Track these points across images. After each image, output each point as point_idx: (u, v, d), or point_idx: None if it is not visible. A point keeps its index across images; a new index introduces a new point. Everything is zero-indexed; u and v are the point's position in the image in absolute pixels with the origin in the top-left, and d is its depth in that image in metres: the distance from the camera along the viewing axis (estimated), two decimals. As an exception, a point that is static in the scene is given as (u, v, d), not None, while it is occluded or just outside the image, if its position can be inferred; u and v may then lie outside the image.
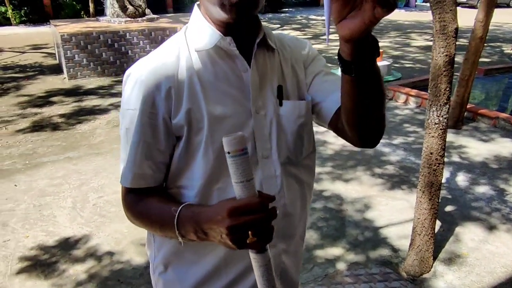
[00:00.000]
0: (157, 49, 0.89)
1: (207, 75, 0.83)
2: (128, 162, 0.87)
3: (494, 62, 8.52)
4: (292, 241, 0.98)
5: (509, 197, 3.31)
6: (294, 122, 0.89)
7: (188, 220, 0.77)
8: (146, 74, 0.83)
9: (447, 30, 1.97)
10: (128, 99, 0.84)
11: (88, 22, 8.64)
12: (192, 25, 0.87)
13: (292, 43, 0.96)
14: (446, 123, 2.19)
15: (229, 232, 0.68)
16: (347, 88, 0.74)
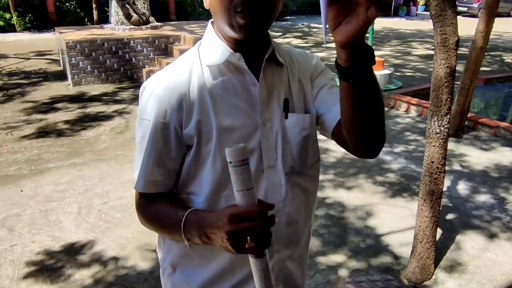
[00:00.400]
0: (172, 63, 0.94)
1: (217, 89, 0.89)
2: (141, 169, 0.92)
3: (495, 71, 8.58)
4: (297, 248, 1.02)
5: (510, 205, 3.35)
6: (299, 134, 0.94)
7: (193, 225, 0.82)
8: (160, 87, 0.88)
9: (448, 43, 2.02)
10: (143, 110, 0.90)
11: (93, 29, 8.73)
12: (205, 41, 0.93)
13: (300, 58, 1.01)
14: (447, 133, 2.23)
15: (229, 237, 0.72)
16: (345, 95, 0.77)
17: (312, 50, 10.90)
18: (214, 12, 0.87)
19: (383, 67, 6.51)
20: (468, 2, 20.43)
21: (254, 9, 0.81)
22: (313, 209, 1.07)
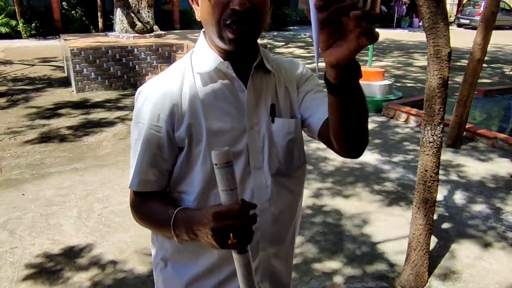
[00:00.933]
0: (166, 70, 1.00)
1: (208, 95, 0.95)
2: (136, 169, 0.98)
3: (495, 83, 8.64)
4: (282, 246, 1.07)
5: (505, 215, 3.38)
6: (284, 137, 1.00)
7: (182, 222, 0.88)
8: (154, 93, 0.95)
9: (441, 54, 2.07)
10: (138, 113, 0.97)
11: (98, 37, 8.85)
12: (197, 50, 0.99)
13: (287, 65, 1.07)
14: (440, 142, 2.28)
15: (213, 233, 0.78)
16: (334, 107, 0.82)
17: (313, 61, 10.99)
18: (205, 24, 0.93)
19: (383, 77, 6.57)
20: (470, 15, 20.57)
21: (243, 23, 0.86)
22: (299, 209, 1.12)
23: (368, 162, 4.40)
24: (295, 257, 2.79)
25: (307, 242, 2.96)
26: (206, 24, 0.92)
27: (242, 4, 0.84)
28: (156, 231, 1.04)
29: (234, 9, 0.85)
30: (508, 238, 3.06)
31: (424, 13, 2.03)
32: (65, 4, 15.70)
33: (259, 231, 1.01)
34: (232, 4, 0.84)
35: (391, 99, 6.36)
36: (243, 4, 0.84)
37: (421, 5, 2.02)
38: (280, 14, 19.09)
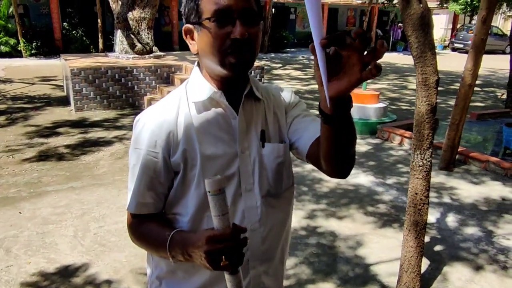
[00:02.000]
0: (162, 99, 1.07)
1: (202, 122, 1.02)
2: (133, 192, 1.04)
3: (488, 107, 8.79)
4: (272, 264, 1.13)
5: (497, 238, 3.42)
6: (274, 161, 1.07)
7: (177, 244, 0.93)
8: (152, 121, 1.01)
9: (429, 82, 2.16)
10: (136, 140, 1.03)
11: (98, 57, 8.99)
12: (192, 81, 1.07)
13: (276, 92, 1.15)
14: (429, 166, 2.35)
15: (207, 255, 0.83)
16: (326, 134, 0.88)
17: (311, 82, 11.16)
18: (205, 55, 0.99)
19: (378, 100, 6.69)
20: (464, 39, 20.99)
21: (243, 50, 0.95)
22: (288, 229, 1.18)
23: (362, 184, 4.46)
24: (289, 278, 2.83)
25: (301, 264, 2.99)
26: (205, 55, 0.99)
27: (243, 34, 0.93)
28: (152, 251, 1.09)
29: (235, 39, 0.93)
30: (500, 261, 3.10)
31: (413, 42, 2.13)
32: (66, 24, 15.97)
33: (249, 250, 1.06)
34: (233, 34, 0.93)
35: (385, 121, 6.46)
36: (243, 34, 0.93)
37: (410, 35, 2.12)
38: (278, 36, 19.44)
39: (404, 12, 2.10)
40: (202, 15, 0.96)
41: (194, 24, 0.99)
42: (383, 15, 24.35)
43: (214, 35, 0.94)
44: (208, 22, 0.95)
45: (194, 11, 0.97)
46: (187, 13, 1.00)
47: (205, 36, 0.96)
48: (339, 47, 0.70)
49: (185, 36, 1.03)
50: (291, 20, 22.30)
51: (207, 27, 0.95)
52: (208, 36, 0.96)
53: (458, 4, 20.78)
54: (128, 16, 8.18)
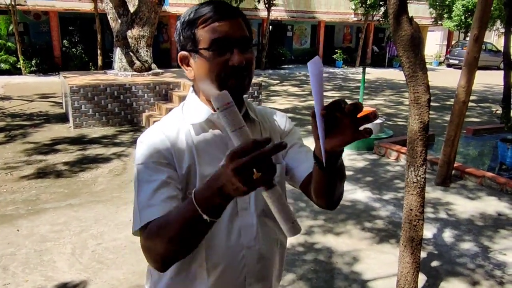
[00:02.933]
0: (160, 121, 1.10)
1: (200, 143, 1.05)
2: (140, 203, 0.97)
3: (483, 122, 8.87)
4: (267, 282, 1.15)
5: (493, 254, 3.44)
6: None
7: (204, 192, 0.81)
8: (153, 138, 1.04)
9: (421, 101, 2.22)
10: (139, 158, 1.03)
11: (97, 74, 9.08)
12: (189, 104, 1.11)
13: (271, 117, 1.20)
14: (423, 182, 2.38)
15: (235, 174, 0.72)
16: (318, 176, 0.98)
17: (308, 98, 11.26)
18: (202, 80, 1.04)
19: (374, 116, 6.74)
20: (459, 56, 21.23)
21: (241, 76, 1.01)
22: (284, 247, 1.21)
23: (359, 199, 4.48)
24: (285, 295, 2.83)
25: (298, 280, 3.00)
26: (202, 80, 1.03)
27: (241, 62, 0.99)
28: (186, 233, 0.87)
29: (233, 66, 0.99)
30: (496, 277, 3.11)
31: (404, 62, 2.19)
32: (66, 42, 16.13)
33: (246, 267, 1.09)
34: (232, 62, 0.99)
35: (382, 137, 6.52)
36: (241, 62, 0.99)
37: (401, 55, 2.18)
38: (275, 53, 19.66)
39: (395, 33, 2.17)
40: (199, 44, 1.00)
41: (190, 52, 1.03)
42: (379, 32, 24.69)
43: (213, 63, 0.99)
44: (206, 51, 0.99)
45: (190, 40, 1.02)
46: (183, 41, 1.04)
47: (203, 63, 1.01)
48: (336, 113, 0.81)
49: (181, 63, 1.07)
50: (288, 37, 22.57)
51: (205, 55, 1.00)
52: (206, 63, 1.00)
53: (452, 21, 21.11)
54: (127, 34, 8.30)
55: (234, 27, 1.00)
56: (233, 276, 1.08)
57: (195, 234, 0.87)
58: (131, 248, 3.36)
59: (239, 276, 1.09)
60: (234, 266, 1.08)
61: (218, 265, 1.06)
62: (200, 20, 1.00)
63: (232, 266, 1.08)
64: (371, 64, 22.70)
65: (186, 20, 1.02)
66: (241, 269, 1.09)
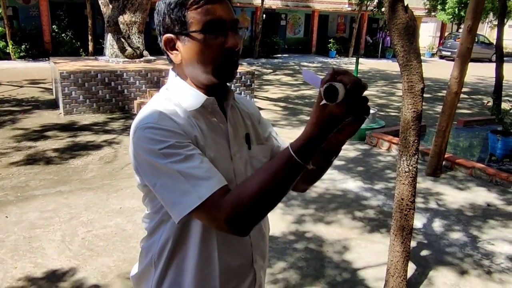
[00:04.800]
0: (151, 106, 1.00)
1: (203, 126, 1.02)
2: (190, 180, 0.90)
3: (474, 114, 8.93)
4: (266, 259, 1.20)
5: (481, 244, 3.48)
6: (261, 162, 1.12)
7: (307, 137, 0.86)
8: (164, 122, 0.95)
9: (414, 90, 2.21)
10: (156, 143, 0.92)
11: (87, 60, 8.96)
12: (176, 89, 1.04)
13: (245, 101, 1.21)
14: (415, 172, 2.39)
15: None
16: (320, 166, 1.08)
17: (301, 88, 11.24)
18: (192, 64, 1.00)
19: (367, 106, 6.75)
20: (452, 47, 21.30)
21: (236, 60, 1.01)
22: (269, 230, 1.26)
23: (350, 189, 4.50)
24: (277, 282, 2.86)
25: (289, 268, 3.01)
26: (193, 64, 1.00)
27: (237, 44, 0.98)
28: (281, 185, 0.88)
29: (229, 49, 0.97)
30: (484, 266, 3.15)
31: (398, 51, 2.17)
32: (55, 27, 15.86)
33: (252, 246, 1.11)
34: (228, 45, 0.97)
35: (374, 127, 6.53)
36: (237, 44, 0.98)
37: (396, 43, 2.17)
38: (268, 42, 19.54)
39: (390, 21, 2.15)
40: (190, 26, 0.96)
41: (178, 34, 0.98)
42: (372, 22, 24.62)
43: (207, 46, 0.96)
44: (199, 33, 0.96)
45: (179, 22, 0.97)
46: (169, 23, 0.99)
47: (195, 47, 0.97)
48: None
49: (165, 46, 1.01)
50: (282, 26, 22.43)
51: (198, 38, 0.96)
52: (199, 47, 0.97)
53: (446, 14, 21.12)
54: (118, 20, 8.17)
55: (226, 9, 0.98)
56: (243, 255, 1.10)
57: (292, 180, 0.88)
58: (122, 236, 3.34)
59: (248, 253, 1.11)
60: (243, 245, 1.10)
61: (230, 245, 1.06)
62: (190, 1, 0.96)
63: (242, 245, 1.10)
64: (364, 54, 22.69)
65: (175, 1, 0.97)
66: (249, 246, 1.11)
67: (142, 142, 0.94)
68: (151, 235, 1.09)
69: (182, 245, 1.04)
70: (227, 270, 1.06)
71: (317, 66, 17.27)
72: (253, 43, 18.74)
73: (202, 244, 1.03)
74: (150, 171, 0.94)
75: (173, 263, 1.06)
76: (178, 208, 0.91)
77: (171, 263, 1.06)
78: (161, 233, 1.05)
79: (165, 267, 1.06)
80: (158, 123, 0.94)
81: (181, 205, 0.90)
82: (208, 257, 1.04)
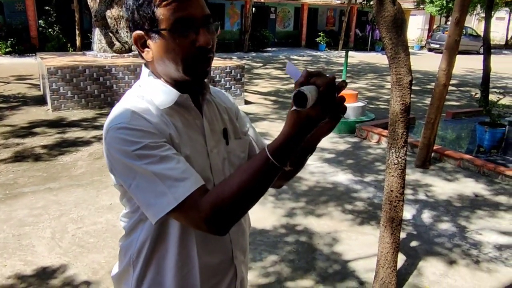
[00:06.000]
0: (122, 105, 0.98)
1: (178, 124, 1.00)
2: (165, 182, 0.88)
3: (463, 106, 9.02)
4: (246, 253, 1.19)
5: (469, 234, 3.53)
6: (239, 156, 1.12)
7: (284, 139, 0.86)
8: (136, 121, 0.93)
9: (403, 82, 2.22)
10: (129, 144, 0.90)
11: (75, 56, 8.85)
12: (149, 87, 1.01)
13: (222, 95, 1.19)
14: (404, 164, 2.41)
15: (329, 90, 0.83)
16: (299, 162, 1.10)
17: (291, 81, 11.24)
18: (164, 62, 0.97)
19: (356, 99, 6.79)
20: (440, 40, 21.44)
21: (208, 58, 0.98)
22: (249, 225, 1.25)
23: (341, 182, 4.53)
24: (269, 276, 2.88)
25: (280, 261, 3.03)
26: (164, 62, 0.97)
27: (208, 42, 0.94)
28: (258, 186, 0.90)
29: (200, 47, 0.94)
30: (472, 256, 3.20)
31: (387, 44, 2.18)
32: (42, 22, 15.63)
33: (232, 242, 1.10)
34: (199, 43, 0.94)
35: (364, 120, 6.57)
36: (208, 42, 0.94)
37: (384, 36, 2.17)
38: (258, 36, 19.48)
39: (379, 14, 2.16)
40: (160, 23, 0.93)
41: (148, 32, 0.95)
42: (362, 15, 24.67)
43: (178, 44, 0.93)
44: (169, 31, 0.93)
45: (148, 19, 0.94)
46: (138, 20, 0.95)
47: (166, 45, 0.94)
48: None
49: (136, 43, 0.99)
50: (272, 19, 22.36)
51: (168, 36, 0.93)
52: (170, 45, 0.94)
53: (434, 6, 21.23)
54: (106, 14, 8.07)
55: (197, 5, 0.94)
56: (223, 251, 1.09)
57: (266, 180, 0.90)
58: (112, 232, 3.33)
59: (227, 249, 1.10)
60: (223, 242, 1.08)
61: (209, 243, 1.05)
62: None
63: (222, 242, 1.08)
64: (354, 47, 22.73)
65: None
66: (228, 242, 1.10)
67: (115, 143, 0.92)
68: (129, 234, 1.08)
69: (160, 244, 1.03)
70: (207, 267, 1.05)
71: (306, 60, 17.28)
72: (243, 36, 18.67)
73: (180, 243, 1.01)
74: (124, 172, 0.92)
75: (152, 263, 1.05)
76: (154, 209, 0.89)
77: (150, 262, 1.05)
78: (139, 232, 1.04)
79: (144, 266, 1.05)
80: (130, 123, 0.92)
81: (157, 207, 0.89)
82: (188, 255, 1.03)
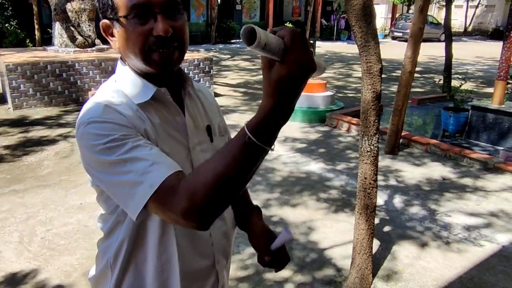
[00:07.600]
0: (97, 97, 0.93)
1: (155, 119, 0.94)
2: (137, 171, 0.82)
3: (427, 92, 9.28)
4: (229, 257, 1.15)
5: (439, 216, 3.65)
6: None
7: (263, 112, 0.72)
8: (108, 115, 0.87)
9: (373, 70, 2.25)
10: (99, 138, 0.85)
11: (35, 51, 8.48)
12: (124, 79, 0.97)
13: (205, 91, 1.16)
14: (376, 151, 2.45)
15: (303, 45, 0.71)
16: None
17: (259, 73, 11.22)
18: (126, 53, 0.93)
19: (325, 89, 6.85)
20: (403, 28, 21.94)
21: (169, 47, 0.90)
22: (235, 227, 1.23)
23: (313, 171, 4.57)
24: (247, 268, 2.87)
25: (258, 253, 3.03)
26: (127, 52, 0.92)
27: (166, 30, 0.87)
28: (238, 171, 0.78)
29: (158, 36, 0.87)
30: (443, 237, 3.31)
31: (356, 32, 2.20)
32: (-3, 16, 14.89)
33: (213, 245, 1.06)
34: (156, 31, 0.87)
35: (333, 109, 6.64)
36: (167, 30, 0.87)
37: (353, 25, 2.18)
38: (224, 27, 19.31)
39: (348, 2, 2.16)
40: (118, 11, 0.89)
41: (111, 20, 0.91)
42: (327, 5, 24.86)
43: (134, 33, 0.88)
44: (125, 19, 0.88)
45: (108, 6, 0.90)
46: (103, 8, 0.92)
47: (124, 34, 0.89)
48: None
49: (104, 33, 0.95)
50: (237, 10, 22.19)
51: (125, 24, 0.88)
52: (127, 33, 0.89)
53: (397, -6, 21.64)
54: (66, 7, 7.77)
55: None
56: (205, 256, 1.06)
57: (250, 165, 0.77)
58: (84, 232, 3.23)
59: (209, 254, 1.07)
60: (205, 246, 1.05)
61: (190, 247, 1.02)
62: None
63: (204, 246, 1.05)
64: (320, 37, 22.91)
65: None
66: (210, 246, 1.06)
67: (86, 139, 0.87)
68: (107, 236, 1.04)
69: (139, 247, 0.99)
70: (189, 272, 1.02)
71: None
72: (209, 28, 18.46)
73: (160, 247, 0.98)
74: (98, 169, 0.87)
75: (131, 267, 1.01)
76: (132, 202, 0.83)
77: (128, 266, 1.01)
78: (117, 235, 1.00)
79: (122, 270, 1.01)
80: (102, 116, 0.86)
81: (134, 199, 0.82)
82: (168, 260, 0.99)
